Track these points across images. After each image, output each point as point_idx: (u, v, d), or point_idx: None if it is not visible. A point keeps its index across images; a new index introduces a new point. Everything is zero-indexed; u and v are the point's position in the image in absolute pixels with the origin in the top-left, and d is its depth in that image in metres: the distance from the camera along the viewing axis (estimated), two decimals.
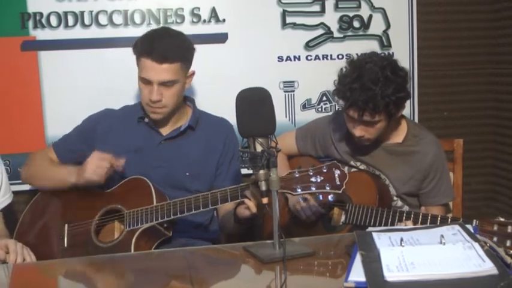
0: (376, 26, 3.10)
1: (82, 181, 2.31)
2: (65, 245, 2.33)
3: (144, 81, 2.35)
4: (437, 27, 3.20)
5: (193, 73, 2.44)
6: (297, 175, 1.93)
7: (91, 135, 2.50)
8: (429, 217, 2.22)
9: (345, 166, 2.54)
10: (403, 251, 1.56)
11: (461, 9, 3.22)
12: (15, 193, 2.59)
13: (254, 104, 1.85)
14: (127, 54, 2.47)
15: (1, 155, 2.51)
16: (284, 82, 3.04)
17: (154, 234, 2.24)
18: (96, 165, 2.28)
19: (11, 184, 2.56)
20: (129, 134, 2.46)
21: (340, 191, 1.92)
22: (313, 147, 2.70)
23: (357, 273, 1.52)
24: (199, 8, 2.92)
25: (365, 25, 3.09)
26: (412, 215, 2.25)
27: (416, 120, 3.15)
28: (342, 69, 2.44)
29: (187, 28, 2.88)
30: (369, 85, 2.28)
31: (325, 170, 1.92)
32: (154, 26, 2.85)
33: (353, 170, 2.55)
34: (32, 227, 2.48)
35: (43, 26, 2.84)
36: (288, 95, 3.06)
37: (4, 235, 2.38)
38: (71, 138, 2.56)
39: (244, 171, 2.62)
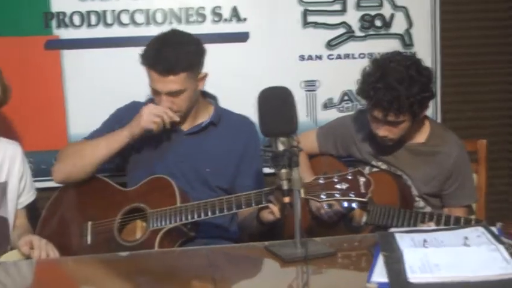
0: (398, 25, 3.08)
1: (137, 131, 2.33)
2: (88, 242, 2.35)
3: (154, 90, 2.35)
4: (460, 26, 3.17)
5: (205, 75, 2.41)
6: (321, 181, 1.93)
7: (118, 127, 2.51)
8: (452, 218, 2.21)
9: (366, 166, 2.54)
10: (426, 253, 1.56)
11: (484, 7, 3.19)
12: (38, 190, 2.61)
13: (276, 103, 1.84)
14: None
15: (25, 152, 2.53)
16: (305, 81, 3.03)
17: (178, 234, 2.25)
18: (154, 114, 2.30)
19: (34, 181, 2.58)
20: None
21: (365, 199, 1.93)
22: (334, 146, 2.68)
23: (380, 274, 1.51)
24: (220, 7, 2.93)
25: (387, 24, 3.07)
26: (435, 216, 2.24)
27: (439, 120, 3.12)
28: (365, 68, 2.42)
29: (208, 27, 2.89)
30: (393, 85, 2.26)
31: (350, 177, 1.92)
32: (175, 25, 2.88)
33: (374, 169, 2.53)
34: (54, 224, 2.50)
35: (66, 25, 2.87)
36: (309, 94, 3.05)
37: (28, 231, 2.40)
38: (101, 133, 2.56)
39: (266, 170, 2.62)
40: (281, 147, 1.81)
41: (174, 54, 2.27)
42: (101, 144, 2.41)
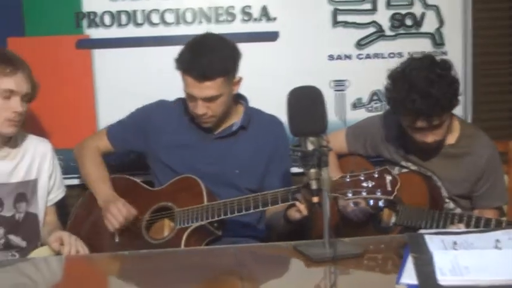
0: (429, 24, 3.04)
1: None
2: (116, 240, 2.37)
3: (189, 95, 2.35)
4: (492, 24, 3.12)
5: (240, 79, 2.41)
6: (348, 179, 1.92)
7: (146, 126, 2.53)
8: (482, 220, 2.18)
9: (395, 166, 2.52)
10: (456, 255, 1.53)
11: None
12: (68, 187, 2.65)
13: (306, 103, 1.83)
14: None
15: (55, 149, 2.56)
16: (335, 81, 3.02)
17: (205, 233, 2.26)
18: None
19: (64, 178, 2.62)
20: (181, 129, 2.48)
21: (392, 197, 1.91)
22: (363, 146, 2.67)
23: (409, 275, 1.50)
24: (250, 7, 2.93)
25: (417, 23, 3.04)
26: (465, 218, 2.21)
27: (470, 120, 3.08)
28: (387, 87, 2.41)
29: (238, 26, 2.89)
30: (427, 90, 2.24)
31: (376, 175, 1.91)
32: (205, 25, 2.89)
33: (404, 170, 2.51)
34: (84, 221, 2.53)
35: (97, 25, 2.90)
36: (339, 94, 3.03)
37: (58, 228, 2.44)
38: (126, 128, 2.59)
39: (294, 169, 2.61)
40: (310, 147, 1.80)
41: (210, 59, 2.27)
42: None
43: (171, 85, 2.75)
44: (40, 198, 2.43)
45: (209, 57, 2.27)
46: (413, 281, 1.46)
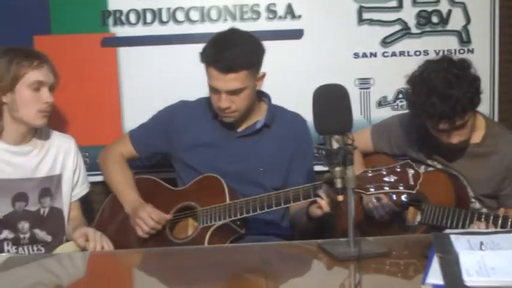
0: (456, 21, 3.01)
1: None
2: (141, 240, 2.39)
3: (212, 89, 2.35)
4: None
5: (263, 75, 2.41)
6: (370, 174, 1.91)
7: (168, 128, 2.54)
8: (509, 220, 2.15)
9: (421, 165, 2.50)
10: (483, 255, 1.52)
11: None
12: (93, 184, 2.68)
13: (331, 101, 1.83)
14: None
15: (80, 146, 2.59)
16: (359, 79, 3.00)
17: (228, 231, 2.26)
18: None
19: (88, 175, 2.66)
20: (204, 128, 2.49)
21: (414, 191, 1.89)
22: (388, 144, 2.65)
23: (435, 276, 1.48)
24: (275, 4, 2.92)
25: (444, 20, 3.01)
26: (491, 217, 2.19)
27: (496, 119, 3.04)
28: (407, 92, 2.41)
29: (262, 24, 2.89)
30: (446, 92, 2.22)
31: (398, 170, 1.89)
32: (230, 22, 2.88)
33: (430, 169, 2.49)
34: (110, 219, 2.55)
35: (122, 23, 2.92)
36: (364, 92, 3.01)
37: (82, 223, 2.47)
38: (149, 131, 2.60)
39: (319, 168, 2.61)
40: (335, 145, 1.79)
41: (235, 52, 2.28)
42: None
43: (195, 82, 2.77)
44: (64, 193, 2.47)
45: (234, 50, 2.28)
46: (439, 281, 1.45)
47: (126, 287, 1.78)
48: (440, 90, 2.23)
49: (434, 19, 3.00)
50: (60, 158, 2.46)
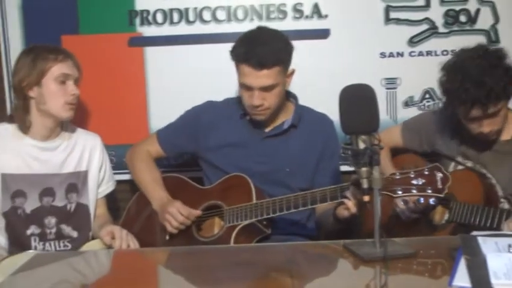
0: (484, 21, 2.97)
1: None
2: (167, 237, 2.40)
3: (244, 86, 2.36)
4: None
5: (293, 72, 2.43)
6: (397, 177, 1.90)
7: (195, 128, 2.55)
8: None
9: (451, 162, 2.47)
10: (511, 258, 1.50)
11: None
12: (119, 182, 2.70)
13: (358, 101, 1.82)
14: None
15: (107, 145, 2.61)
16: (386, 79, 2.98)
17: (254, 230, 2.27)
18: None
19: (115, 173, 2.69)
20: (232, 128, 2.50)
21: (442, 195, 1.88)
22: (418, 141, 2.63)
23: (462, 278, 1.47)
24: (301, 4, 2.91)
25: (472, 19, 2.97)
26: None
27: None
28: (441, 79, 2.38)
29: (289, 24, 2.88)
30: (481, 78, 2.22)
31: (426, 172, 1.88)
32: (256, 22, 2.88)
33: (460, 167, 2.47)
34: (136, 217, 2.57)
35: (149, 23, 2.94)
36: (390, 92, 2.99)
37: (108, 221, 2.49)
38: (176, 131, 2.62)
39: (345, 168, 2.60)
40: (362, 145, 1.78)
41: (267, 48, 2.30)
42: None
43: (222, 82, 2.80)
44: (90, 189, 2.50)
45: (266, 46, 2.30)
46: (466, 283, 1.44)
47: (151, 285, 1.78)
48: (475, 76, 2.23)
49: (462, 18, 2.97)
50: (86, 154, 2.49)
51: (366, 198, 1.80)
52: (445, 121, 2.54)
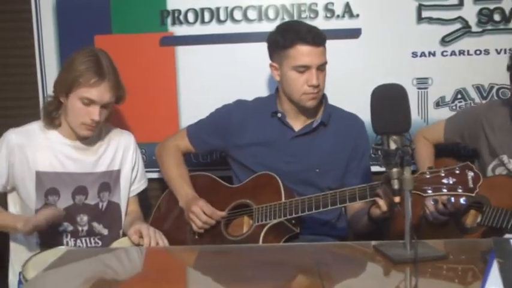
0: None
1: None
2: (196, 236, 2.41)
3: (300, 69, 2.35)
4: None
5: None
6: (428, 176, 1.87)
7: (225, 126, 2.56)
8: None
9: (493, 159, 2.43)
10: None
11: None
12: (150, 180, 2.71)
13: (390, 101, 1.81)
14: (261, 49, 2.54)
15: (137, 143, 2.63)
16: (417, 79, 2.94)
17: (283, 230, 2.26)
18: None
19: (146, 171, 2.69)
20: (262, 127, 2.50)
21: (473, 194, 1.85)
22: (460, 135, 2.61)
23: (494, 282, 1.44)
24: (333, 3, 2.90)
25: (506, 18, 2.92)
26: None
27: None
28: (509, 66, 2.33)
29: (320, 23, 2.85)
30: None
31: (457, 171, 1.85)
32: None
33: (499, 172, 2.43)
34: (166, 215, 2.59)
35: (181, 22, 2.95)
36: (421, 92, 2.96)
37: (139, 219, 2.51)
38: (205, 128, 2.63)
39: (376, 168, 2.58)
40: (393, 146, 1.77)
41: (313, 27, 2.40)
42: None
43: (252, 81, 2.80)
44: (122, 188, 2.52)
45: (312, 26, 2.41)
46: (499, 287, 1.41)
47: (180, 283, 1.80)
48: None
49: (496, 17, 2.92)
50: (119, 154, 2.51)
51: (397, 199, 1.78)
52: (493, 117, 2.49)
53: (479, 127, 2.53)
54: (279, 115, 2.48)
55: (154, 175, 2.88)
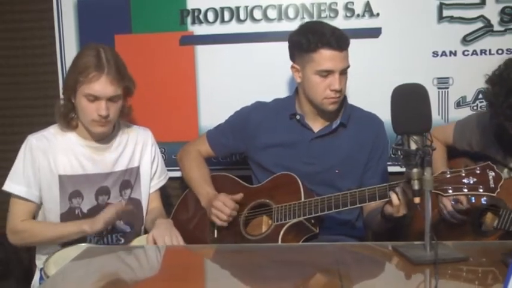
0: None
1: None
2: (215, 235, 2.42)
3: (323, 73, 2.34)
4: None
5: None
6: (448, 175, 1.86)
7: (244, 129, 2.57)
8: None
9: (504, 168, 2.41)
10: None
11: None
12: (169, 179, 2.71)
13: (410, 101, 1.79)
14: (280, 49, 2.53)
15: (157, 142, 2.64)
16: (438, 78, 2.92)
17: (302, 229, 2.26)
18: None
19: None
20: (280, 129, 2.49)
21: (495, 194, 1.83)
22: (468, 143, 2.56)
23: None
24: (353, 2, 2.89)
25: None
26: None
27: None
28: (486, 91, 2.26)
29: (340, 22, 2.85)
30: None
31: (478, 171, 1.84)
32: (307, 20, 2.86)
33: None
34: (186, 215, 2.60)
35: (200, 22, 2.96)
36: (442, 91, 2.93)
37: (161, 215, 2.51)
38: (224, 132, 2.64)
39: (395, 169, 2.56)
40: (413, 146, 1.75)
41: (337, 30, 2.37)
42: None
43: (272, 81, 2.79)
44: (143, 184, 2.52)
45: (336, 29, 2.37)
46: None
47: (199, 282, 1.80)
48: None
49: None
50: (138, 150, 2.51)
51: (417, 200, 1.77)
52: (493, 125, 2.44)
53: (489, 136, 2.46)
54: (298, 117, 2.48)
55: (173, 174, 2.89)
